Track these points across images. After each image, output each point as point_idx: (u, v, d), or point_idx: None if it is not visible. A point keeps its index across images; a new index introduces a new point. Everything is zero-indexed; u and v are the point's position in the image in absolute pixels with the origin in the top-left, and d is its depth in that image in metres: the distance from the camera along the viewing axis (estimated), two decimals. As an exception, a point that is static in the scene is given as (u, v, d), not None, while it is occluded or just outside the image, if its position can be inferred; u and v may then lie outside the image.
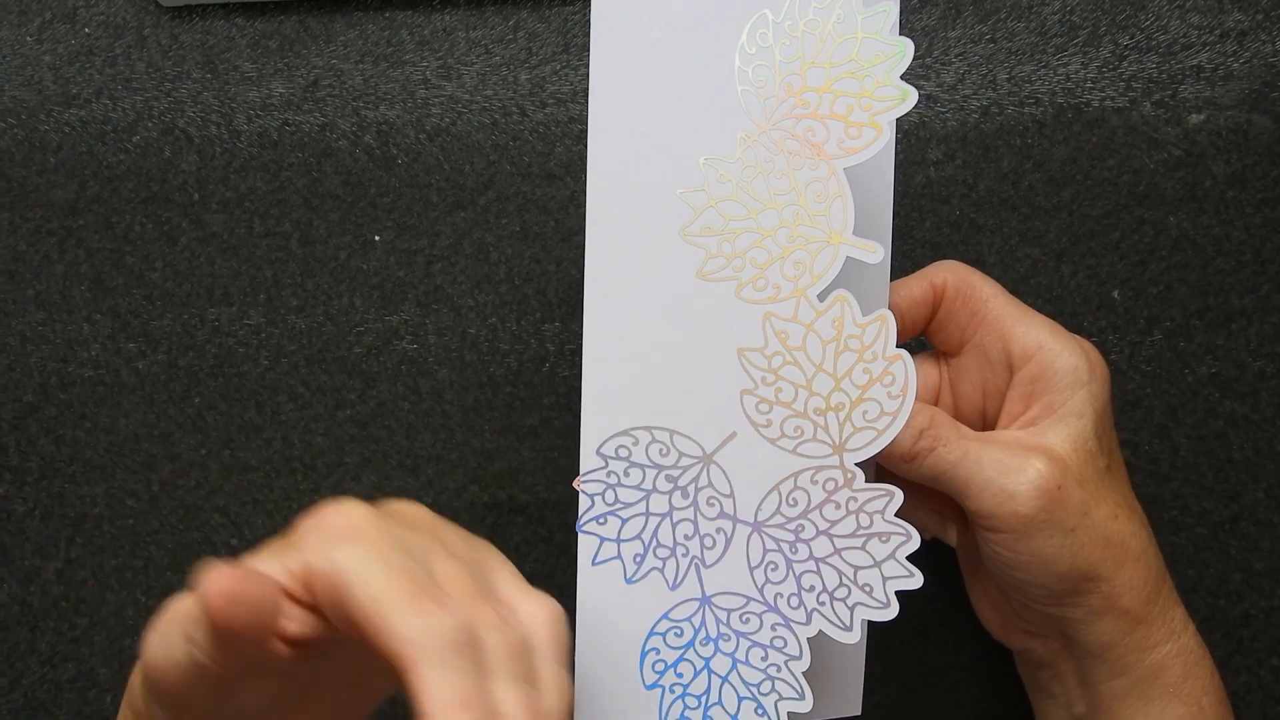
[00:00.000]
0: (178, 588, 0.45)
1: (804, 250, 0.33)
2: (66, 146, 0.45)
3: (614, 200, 0.34)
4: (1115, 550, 0.34)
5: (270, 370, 0.45)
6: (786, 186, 0.33)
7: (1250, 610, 0.43)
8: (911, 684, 0.44)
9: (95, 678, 0.45)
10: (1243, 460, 0.43)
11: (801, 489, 0.34)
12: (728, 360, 0.34)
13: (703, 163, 0.34)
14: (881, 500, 0.33)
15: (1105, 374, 0.35)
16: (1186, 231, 0.43)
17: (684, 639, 0.35)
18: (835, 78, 0.33)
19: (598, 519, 0.35)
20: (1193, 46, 0.43)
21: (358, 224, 0.44)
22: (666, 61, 0.34)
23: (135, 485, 0.45)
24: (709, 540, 0.34)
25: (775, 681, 0.34)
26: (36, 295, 0.45)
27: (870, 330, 0.33)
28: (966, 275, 0.36)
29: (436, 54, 0.44)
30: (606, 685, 0.35)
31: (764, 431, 0.34)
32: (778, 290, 0.33)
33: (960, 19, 0.44)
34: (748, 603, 0.34)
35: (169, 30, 0.45)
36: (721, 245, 0.34)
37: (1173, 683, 0.34)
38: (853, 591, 0.34)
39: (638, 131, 0.34)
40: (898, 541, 0.33)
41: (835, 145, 0.33)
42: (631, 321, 0.34)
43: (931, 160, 0.43)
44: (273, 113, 0.44)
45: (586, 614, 0.35)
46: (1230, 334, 0.43)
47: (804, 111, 0.33)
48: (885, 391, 0.33)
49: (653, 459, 0.35)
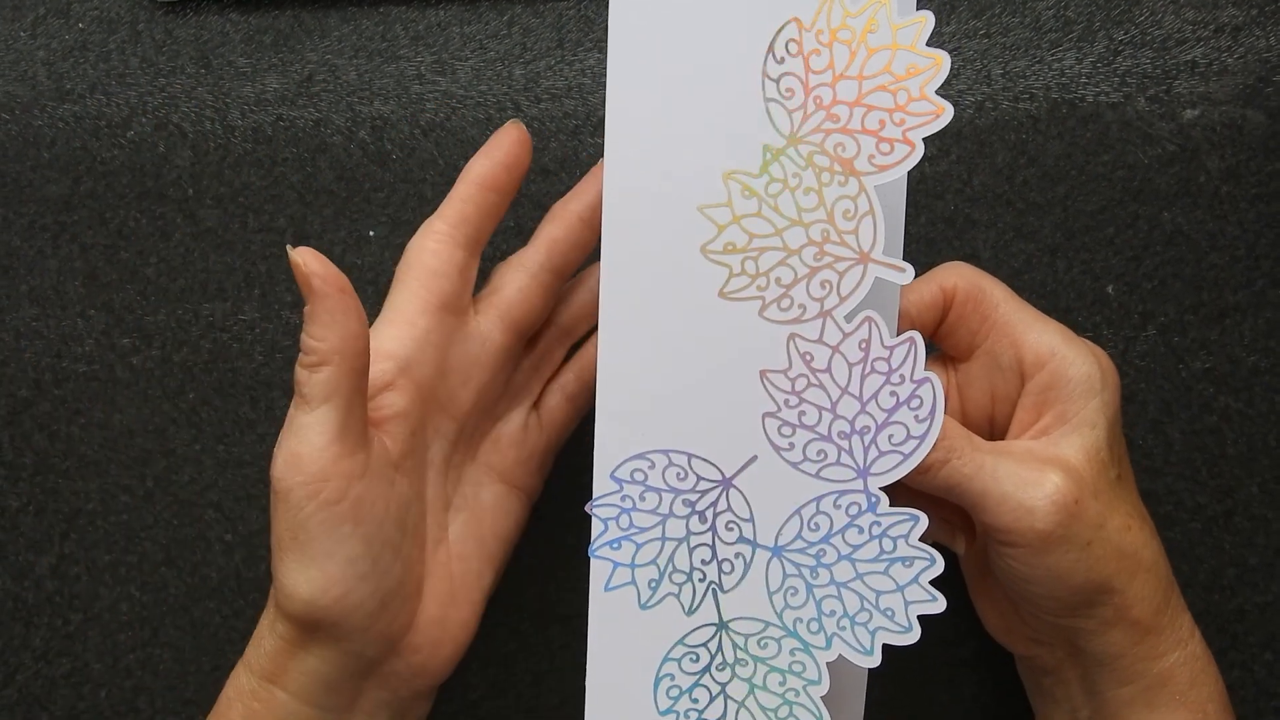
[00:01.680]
0: (172, 583, 0.45)
1: (831, 270, 0.32)
2: (60, 142, 0.45)
3: (632, 215, 0.33)
4: (1129, 562, 0.33)
5: (265, 366, 0.45)
6: (815, 203, 0.32)
7: (1244, 605, 0.43)
8: (910, 679, 0.44)
9: (89, 673, 0.45)
10: (1237, 455, 0.43)
11: (824, 513, 0.33)
12: (749, 382, 0.33)
13: (725, 176, 0.32)
14: (906, 525, 0.33)
15: (1117, 381, 0.34)
16: (1181, 227, 0.43)
17: (700, 664, 0.34)
18: (867, 91, 0.31)
19: (611, 544, 0.34)
20: (1187, 42, 0.43)
21: (352, 219, 0.44)
22: (688, 69, 0.32)
23: (129, 481, 0.45)
24: (727, 565, 0.34)
25: (793, 706, 0.33)
26: (30, 290, 0.45)
27: (899, 352, 0.32)
28: (976, 279, 0.35)
29: (431, 49, 0.44)
30: (620, 711, 0.34)
31: (786, 455, 0.33)
32: (803, 310, 0.32)
33: (954, 14, 0.44)
34: (766, 628, 0.33)
35: (163, 25, 0.45)
36: (745, 264, 0.32)
37: (1179, 690, 0.34)
38: (874, 616, 0.33)
39: (657, 142, 0.33)
40: (921, 566, 0.32)
41: (866, 161, 0.31)
42: (649, 341, 0.33)
43: (925, 156, 0.43)
44: (267, 108, 0.44)
45: (598, 640, 0.34)
46: (1224, 329, 0.43)
47: (834, 126, 0.32)
48: (913, 415, 0.32)
49: (670, 483, 0.34)
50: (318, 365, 0.32)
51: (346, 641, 0.34)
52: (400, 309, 0.36)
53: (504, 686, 0.45)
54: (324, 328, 0.32)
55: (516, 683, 0.45)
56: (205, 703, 0.45)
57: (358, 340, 0.33)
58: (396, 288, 0.36)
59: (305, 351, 0.33)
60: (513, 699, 0.45)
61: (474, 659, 0.43)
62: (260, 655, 0.34)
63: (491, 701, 0.45)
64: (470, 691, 0.44)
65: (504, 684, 0.45)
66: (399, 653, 0.35)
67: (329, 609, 0.33)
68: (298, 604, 0.33)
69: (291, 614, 0.33)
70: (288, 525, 0.33)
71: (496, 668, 0.44)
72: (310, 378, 0.33)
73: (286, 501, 0.33)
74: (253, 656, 0.35)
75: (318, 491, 0.32)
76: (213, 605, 0.45)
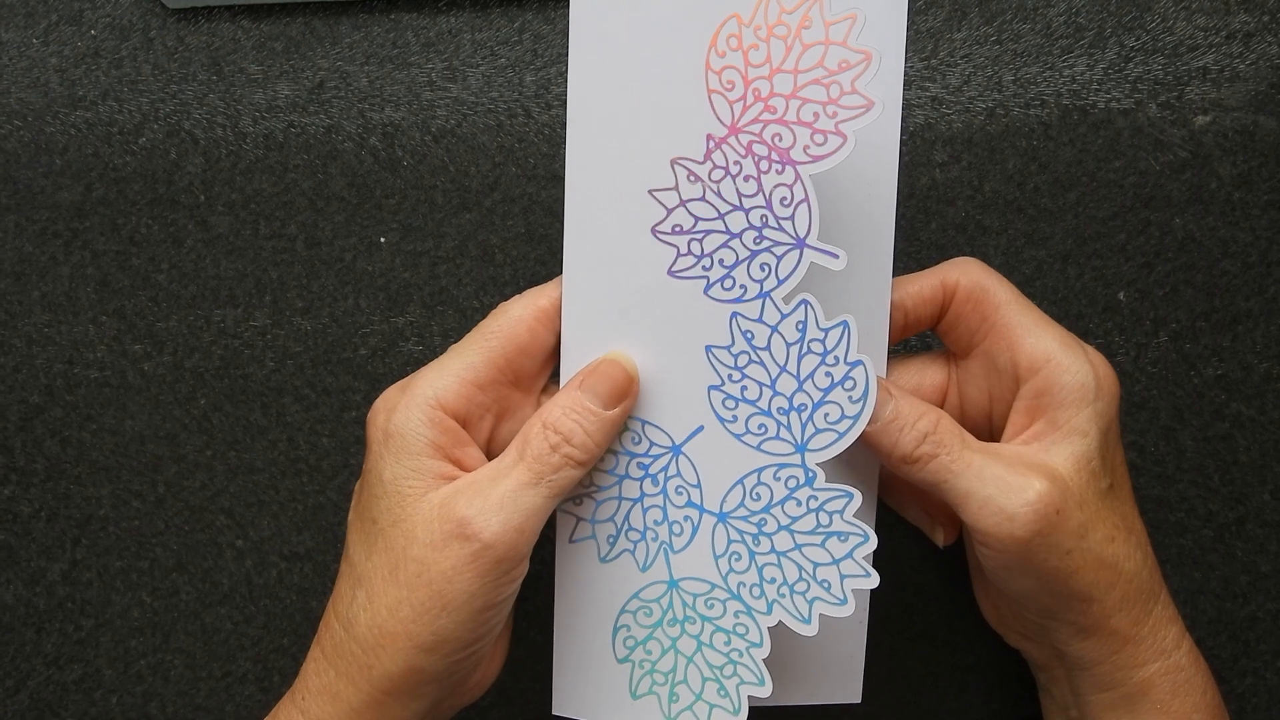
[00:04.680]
0: (183, 589, 0.45)
1: (770, 254, 0.34)
2: (72, 148, 0.45)
3: (590, 198, 0.35)
4: (1109, 572, 0.33)
5: (276, 372, 0.45)
6: (754, 190, 0.33)
7: (1256, 613, 0.43)
8: (917, 686, 0.44)
9: (101, 679, 0.45)
10: (1249, 462, 0.43)
11: (765, 484, 0.35)
12: (696, 357, 0.35)
13: (673, 162, 0.34)
14: (840, 501, 0.34)
15: (1113, 390, 0.34)
16: (1192, 233, 0.43)
17: (653, 619, 0.36)
18: (802, 84, 0.33)
19: (574, 500, 0.36)
20: (1199, 48, 0.43)
21: (363, 226, 0.44)
22: (640, 62, 0.34)
23: (141, 486, 0.45)
24: (677, 527, 0.36)
25: (737, 666, 0.35)
26: (43, 297, 0.45)
27: (833, 335, 0.33)
28: (981, 278, 0.36)
29: (442, 56, 0.44)
30: (581, 655, 0.37)
31: (730, 427, 0.35)
32: (744, 291, 0.34)
33: (966, 20, 0.44)
34: (712, 589, 0.35)
35: (175, 32, 0.45)
36: (691, 244, 0.34)
37: (1160, 700, 0.34)
38: (811, 586, 0.34)
39: (613, 131, 0.34)
40: (855, 542, 0.34)
41: (802, 152, 0.33)
42: (606, 315, 0.35)
43: (937, 162, 0.43)
44: (278, 115, 0.44)
45: (564, 587, 0.37)
46: (1236, 336, 0.43)
47: (771, 117, 0.33)
48: (846, 396, 0.34)
49: (626, 447, 0.36)
50: (579, 465, 0.33)
51: (441, 692, 0.34)
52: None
53: (512, 694, 0.45)
54: (604, 435, 0.34)
55: (524, 690, 0.45)
56: (216, 709, 0.45)
57: (604, 452, 0.34)
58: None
59: (574, 445, 0.33)
60: (520, 706, 0.45)
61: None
62: (339, 709, 0.33)
63: (500, 710, 0.45)
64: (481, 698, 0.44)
65: (512, 691, 0.45)
66: (461, 691, 0.36)
67: (454, 666, 0.33)
68: (435, 660, 0.32)
69: (419, 668, 0.32)
70: (474, 589, 0.32)
71: (506, 675, 0.44)
72: (564, 470, 0.33)
73: (492, 568, 0.32)
74: (317, 708, 0.34)
75: (521, 570, 0.33)
76: (224, 611, 0.45)
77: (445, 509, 0.32)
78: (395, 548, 0.33)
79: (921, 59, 0.43)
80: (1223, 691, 0.36)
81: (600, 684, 0.37)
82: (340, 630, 0.33)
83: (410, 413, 0.34)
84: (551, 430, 0.33)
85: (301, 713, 0.34)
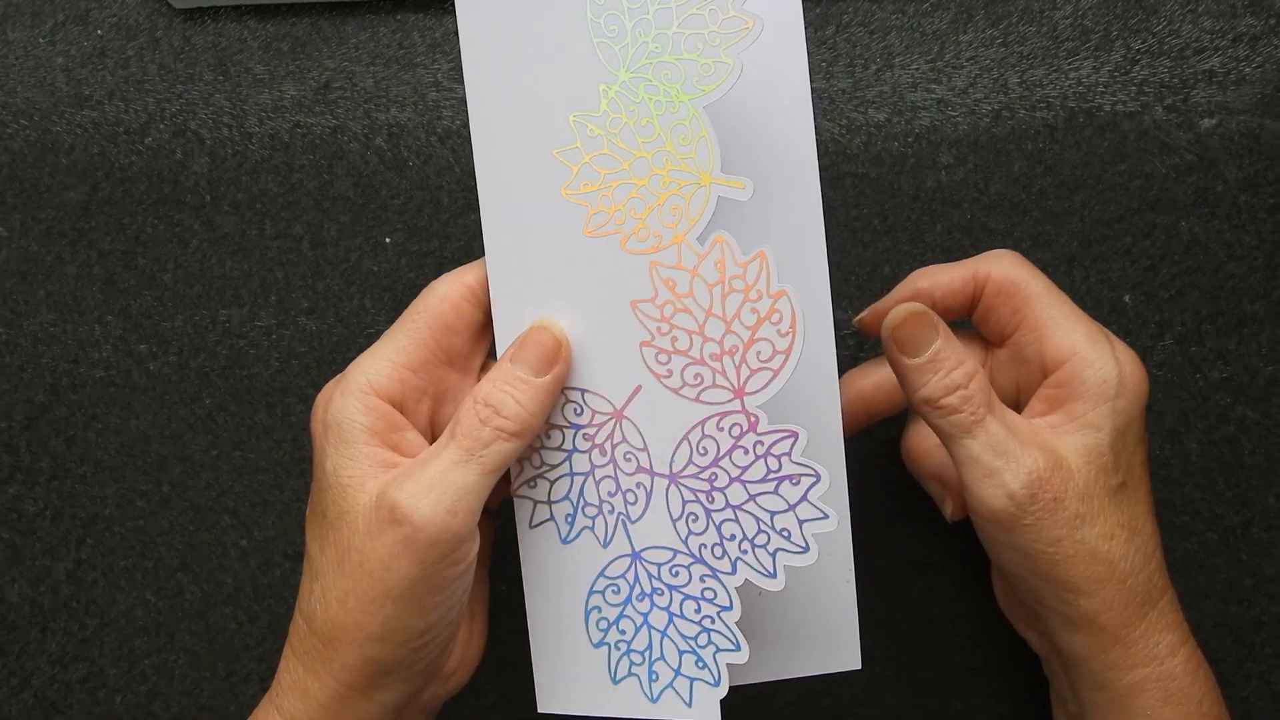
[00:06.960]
0: (188, 588, 0.45)
1: (678, 195, 0.33)
2: (79, 148, 0.45)
3: (498, 165, 0.34)
4: (1101, 568, 0.33)
5: (281, 372, 0.45)
6: (653, 133, 0.33)
7: (1261, 616, 0.43)
8: (925, 686, 0.44)
9: (105, 678, 0.45)
10: (1254, 465, 0.43)
11: (710, 437, 0.34)
12: (623, 314, 0.34)
13: (572, 119, 0.34)
14: (786, 441, 0.33)
15: (1138, 389, 0.34)
16: (1198, 236, 0.43)
17: (621, 595, 0.35)
18: (683, 16, 0.32)
19: (528, 483, 0.36)
20: (1205, 51, 0.43)
21: (369, 226, 0.44)
22: (526, 21, 0.34)
23: (146, 486, 0.45)
24: (631, 495, 0.35)
25: (711, 634, 0.34)
26: (48, 296, 0.45)
27: (751, 269, 0.33)
28: (1014, 271, 0.36)
29: (448, 56, 0.44)
30: (557, 645, 0.36)
31: (666, 382, 0.34)
32: (659, 239, 0.33)
33: (972, 23, 0.43)
34: (675, 555, 0.35)
35: (181, 32, 0.45)
36: (601, 199, 0.34)
37: (1149, 706, 0.34)
38: (772, 537, 0.33)
39: (510, 95, 0.34)
40: (808, 483, 0.33)
41: (691, 85, 0.32)
42: (532, 284, 0.35)
43: (943, 164, 0.43)
44: (284, 115, 0.44)
45: (531, 577, 0.36)
46: (1242, 339, 0.43)
47: (657, 54, 0.33)
48: (775, 330, 0.33)
49: (569, 419, 0.35)
50: (512, 436, 0.33)
51: (408, 683, 0.34)
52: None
53: (514, 693, 0.45)
54: (537, 404, 0.33)
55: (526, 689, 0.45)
56: (220, 708, 0.45)
57: (542, 422, 0.34)
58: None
59: (505, 415, 0.33)
60: (520, 704, 0.45)
61: (486, 666, 0.43)
62: (309, 705, 0.33)
63: (502, 710, 0.45)
64: (483, 698, 0.45)
65: (514, 690, 0.45)
66: (437, 681, 0.36)
67: (412, 656, 0.33)
68: (389, 649, 0.32)
69: (373, 659, 0.32)
70: (413, 575, 0.32)
71: (508, 675, 0.44)
72: (496, 444, 0.32)
73: (427, 551, 0.32)
74: (290, 705, 0.34)
75: (464, 552, 0.32)
76: (228, 611, 0.45)
77: (380, 496, 0.32)
78: (341, 540, 0.33)
79: (927, 61, 0.43)
80: (1227, 696, 0.36)
81: (580, 674, 0.36)
82: (304, 626, 0.34)
83: (345, 401, 0.33)
84: (482, 404, 0.33)
85: (277, 709, 0.34)
